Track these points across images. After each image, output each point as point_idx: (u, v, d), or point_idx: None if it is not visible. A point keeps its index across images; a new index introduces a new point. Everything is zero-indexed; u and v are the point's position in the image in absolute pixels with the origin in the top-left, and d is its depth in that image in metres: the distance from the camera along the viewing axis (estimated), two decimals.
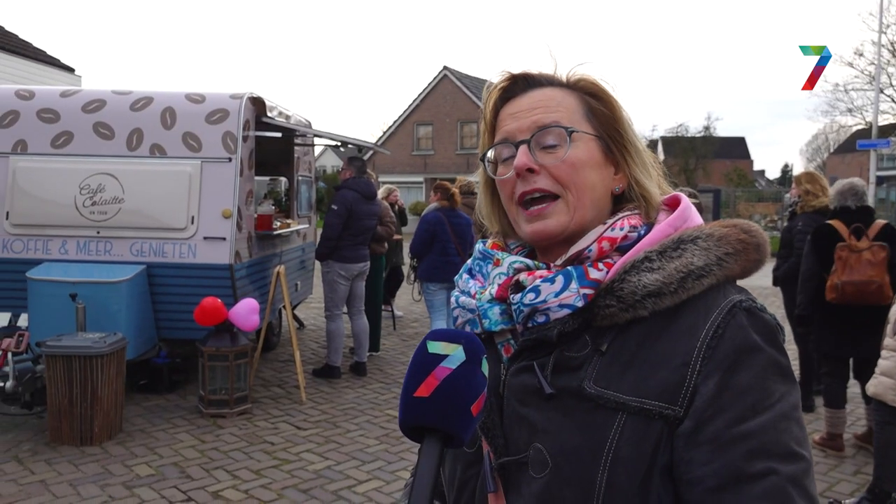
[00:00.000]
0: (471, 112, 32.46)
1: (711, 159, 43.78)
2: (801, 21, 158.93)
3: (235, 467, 4.38)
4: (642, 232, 0.96)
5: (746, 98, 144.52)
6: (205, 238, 5.53)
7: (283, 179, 8.04)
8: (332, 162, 49.06)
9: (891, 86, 26.33)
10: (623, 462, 0.86)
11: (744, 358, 0.86)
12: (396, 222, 9.16)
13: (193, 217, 5.54)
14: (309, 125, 7.88)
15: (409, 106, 34.56)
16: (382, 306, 8.64)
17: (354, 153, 7.70)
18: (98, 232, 5.59)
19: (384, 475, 4.33)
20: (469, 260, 1.11)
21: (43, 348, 4.69)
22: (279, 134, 6.43)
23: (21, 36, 14.46)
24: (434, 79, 33.96)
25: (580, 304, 0.92)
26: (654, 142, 43.16)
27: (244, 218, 5.74)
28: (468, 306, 1.02)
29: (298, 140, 7.62)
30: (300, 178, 7.83)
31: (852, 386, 4.86)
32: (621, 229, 0.96)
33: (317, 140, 8.21)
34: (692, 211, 0.99)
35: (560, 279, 0.93)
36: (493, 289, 1.00)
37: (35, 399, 5.04)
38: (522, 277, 0.97)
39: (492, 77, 1.06)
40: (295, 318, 7.68)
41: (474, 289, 1.04)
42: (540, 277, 0.95)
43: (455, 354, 0.78)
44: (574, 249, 0.96)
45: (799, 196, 5.59)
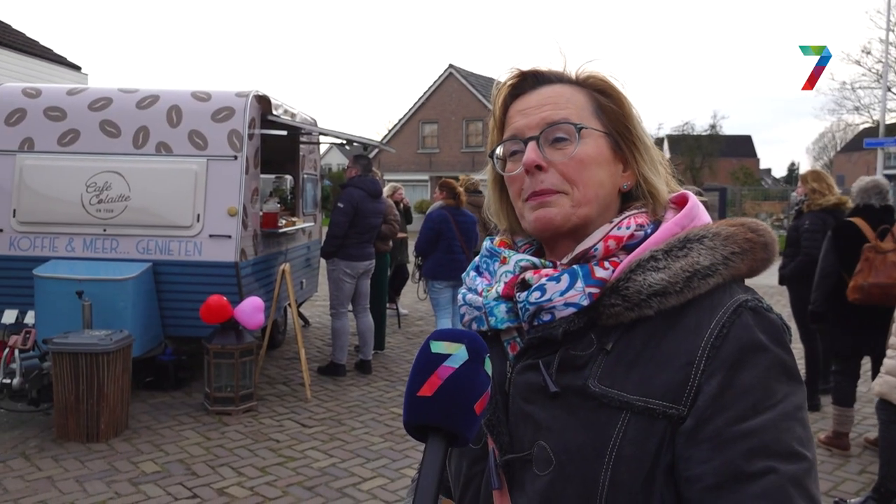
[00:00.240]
0: (476, 110, 32.41)
1: (717, 158, 43.62)
2: (808, 19, 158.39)
3: (241, 464, 4.40)
4: (649, 231, 0.96)
5: (753, 96, 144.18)
6: (210, 236, 5.55)
7: (289, 177, 8.05)
8: (338, 160, 49.09)
9: None
10: (626, 461, 0.86)
11: (748, 357, 0.85)
12: (401, 220, 9.16)
13: (199, 215, 5.56)
14: (314, 123, 7.88)
15: (415, 104, 34.54)
16: (387, 304, 8.65)
17: (360, 151, 7.70)
18: (104, 230, 5.61)
19: (389, 473, 4.33)
20: (477, 258, 1.11)
21: (49, 345, 4.72)
22: (285, 132, 6.43)
23: (28, 34, 14.52)
24: (440, 77, 33.94)
25: (585, 303, 0.92)
26: (660, 140, 42.99)
27: (250, 216, 5.76)
28: (475, 304, 1.02)
29: (304, 138, 7.63)
30: (305, 177, 7.84)
31: (860, 385, 4.84)
32: (627, 228, 0.95)
33: (322, 138, 8.22)
34: (700, 209, 0.98)
35: (566, 278, 0.93)
36: (500, 287, 1.00)
37: (42, 396, 5.06)
38: (528, 276, 0.97)
39: (500, 74, 1.06)
40: (300, 316, 7.69)
41: (481, 286, 1.04)
42: (546, 276, 0.95)
43: (458, 354, 0.78)
44: (580, 248, 0.96)
45: (805, 195, 5.57)
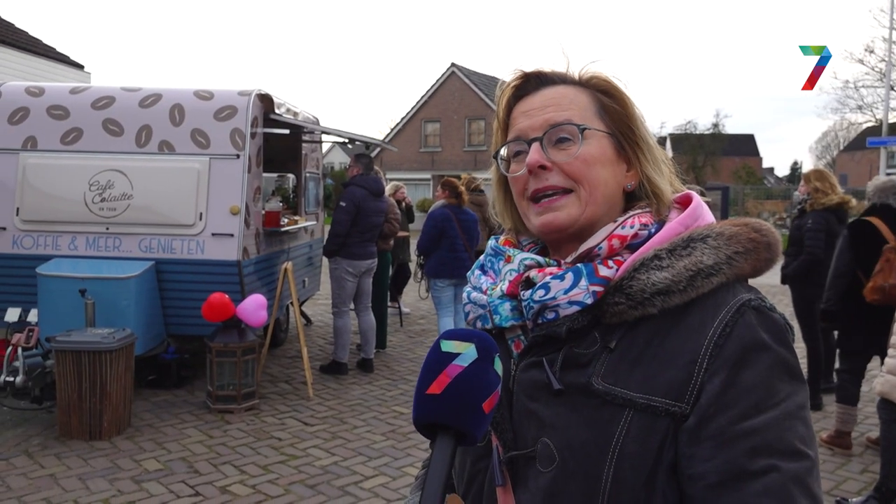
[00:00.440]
0: (479, 109, 32.39)
1: (720, 156, 43.54)
2: (811, 18, 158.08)
3: (243, 462, 4.40)
4: (653, 230, 0.97)
5: (756, 95, 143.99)
6: (213, 234, 5.56)
7: (291, 176, 8.06)
8: (340, 159, 49.10)
9: None
10: (629, 458, 0.86)
11: (751, 356, 0.86)
12: (403, 219, 9.17)
13: (202, 213, 5.57)
14: (317, 122, 7.89)
15: (417, 103, 34.51)
16: (390, 303, 8.65)
17: (362, 150, 7.70)
18: (107, 228, 5.62)
19: (391, 471, 4.34)
20: (482, 256, 1.12)
21: (52, 343, 4.73)
22: (287, 131, 6.44)
23: (30, 33, 14.53)
24: (442, 75, 33.90)
25: (589, 302, 0.92)
26: (663, 139, 42.92)
27: (252, 214, 5.76)
28: (479, 302, 1.03)
29: (306, 137, 7.63)
30: (308, 175, 7.84)
31: (862, 384, 4.83)
32: (631, 227, 0.96)
33: (324, 137, 8.22)
34: (704, 209, 0.99)
35: (570, 276, 0.94)
36: (504, 285, 1.00)
37: (45, 394, 5.08)
38: (533, 274, 0.97)
39: (503, 75, 1.06)
40: (302, 315, 7.69)
41: (486, 285, 1.05)
42: (550, 274, 0.96)
43: (467, 353, 0.78)
44: (584, 247, 0.96)
45: (808, 194, 5.56)
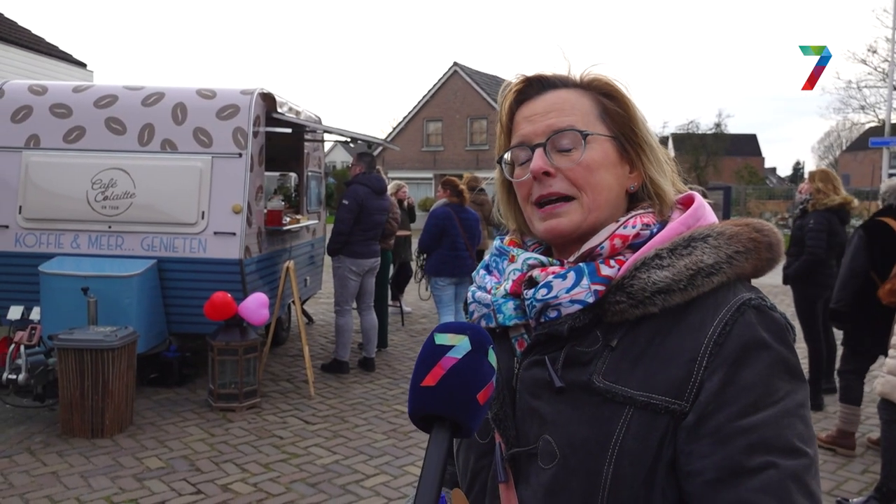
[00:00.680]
0: (481, 108, 32.38)
1: (722, 156, 43.50)
2: (814, 17, 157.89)
3: (244, 461, 4.41)
4: (655, 230, 0.97)
5: (758, 95, 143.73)
6: (215, 233, 5.56)
7: (293, 175, 8.06)
8: (342, 158, 49.08)
9: None
10: (629, 455, 0.87)
11: (750, 354, 0.87)
12: (404, 218, 9.18)
13: (204, 212, 5.58)
14: (319, 121, 7.89)
15: (419, 102, 34.51)
16: (392, 302, 8.66)
17: (364, 149, 7.71)
18: (109, 226, 5.63)
19: (392, 470, 4.35)
20: (487, 256, 1.13)
21: (55, 341, 4.74)
22: (289, 130, 6.45)
23: (33, 31, 14.54)
24: (444, 75, 33.88)
25: (591, 300, 0.93)
26: (665, 139, 42.88)
27: (254, 213, 5.77)
28: (484, 301, 1.04)
29: (308, 136, 7.64)
30: (310, 174, 7.85)
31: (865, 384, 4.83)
32: (633, 227, 0.97)
33: (327, 136, 8.23)
34: (706, 209, 1.00)
35: (572, 275, 0.95)
36: (508, 284, 1.01)
37: (47, 391, 5.09)
38: (535, 273, 0.98)
39: (505, 74, 1.07)
40: (304, 314, 7.70)
41: (490, 284, 1.06)
42: (552, 274, 0.97)
43: (461, 345, 0.79)
44: (586, 246, 0.97)
45: (810, 194, 5.57)
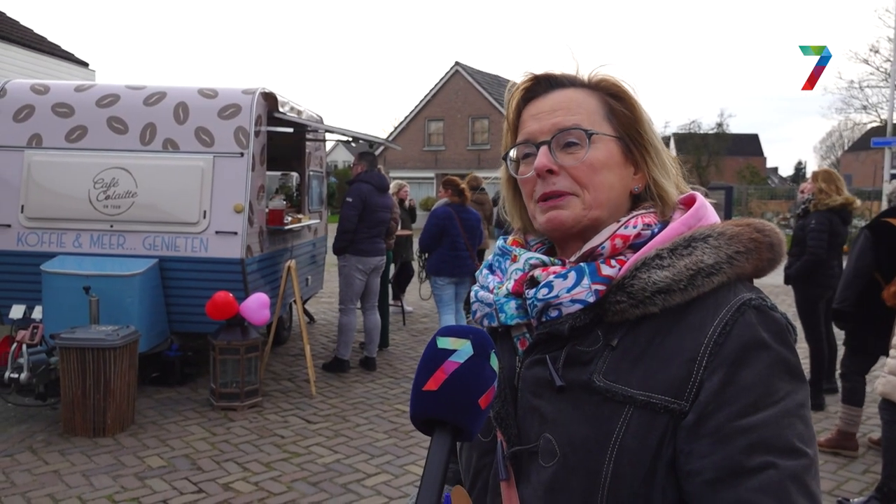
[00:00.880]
0: (482, 108, 32.37)
1: (724, 156, 43.47)
2: (816, 17, 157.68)
3: (246, 460, 4.42)
4: (656, 230, 0.98)
5: (760, 95, 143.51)
6: (216, 232, 5.57)
7: (295, 174, 8.07)
8: (344, 157, 49.08)
9: None
10: (628, 454, 0.87)
11: (750, 354, 0.87)
12: (405, 218, 9.18)
13: (205, 211, 5.58)
14: (320, 120, 7.90)
15: (421, 101, 34.49)
16: (393, 301, 8.66)
17: (365, 148, 7.71)
18: (111, 226, 5.64)
19: (393, 469, 4.35)
20: (490, 256, 1.14)
21: (57, 340, 4.74)
22: (291, 129, 6.45)
23: (36, 31, 14.55)
24: (446, 74, 33.85)
25: (591, 300, 0.94)
26: (667, 138, 42.80)
27: (255, 213, 5.77)
28: (486, 300, 1.04)
29: (310, 135, 7.64)
30: (311, 174, 7.86)
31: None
32: (634, 227, 0.97)
33: (328, 135, 8.23)
34: (707, 210, 1.00)
35: (572, 275, 0.95)
36: (510, 284, 1.02)
37: (49, 390, 5.10)
38: (537, 273, 0.99)
39: (507, 74, 1.08)
40: (305, 313, 7.71)
41: (493, 284, 1.06)
42: (553, 273, 0.97)
43: (463, 349, 0.79)
44: (587, 246, 0.98)
45: (812, 193, 5.57)
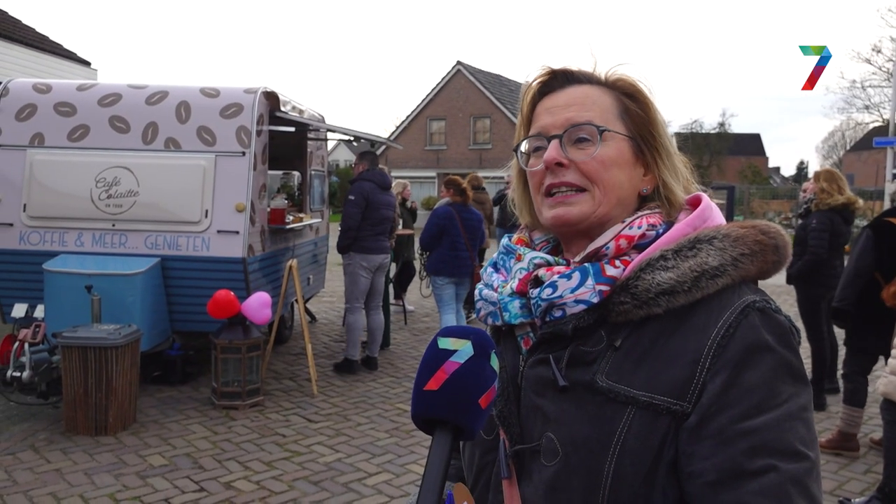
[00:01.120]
0: (484, 107, 32.34)
1: (726, 156, 43.44)
2: (818, 17, 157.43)
3: (247, 459, 4.42)
4: (661, 231, 0.98)
5: (762, 94, 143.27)
6: (218, 231, 5.57)
7: (296, 174, 8.07)
8: (345, 156, 49.06)
9: None
10: (630, 454, 0.87)
11: (754, 357, 0.87)
12: (407, 217, 9.19)
13: (207, 211, 5.58)
14: (322, 120, 7.90)
15: (423, 101, 34.46)
16: (394, 300, 8.66)
17: (367, 148, 7.71)
18: (113, 225, 5.64)
19: (394, 468, 4.35)
20: (495, 255, 1.14)
21: (59, 339, 4.75)
22: (292, 128, 6.45)
23: (38, 30, 14.55)
24: (447, 74, 33.81)
25: (595, 300, 0.94)
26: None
27: (257, 212, 5.78)
28: (490, 299, 1.04)
29: (311, 134, 7.64)
30: (313, 173, 7.85)
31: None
32: (639, 227, 0.97)
33: (330, 135, 8.23)
34: (713, 211, 0.99)
35: (577, 275, 0.95)
36: (514, 283, 1.02)
37: (51, 389, 5.10)
38: (541, 273, 0.99)
39: (509, 76, 1.08)
40: (307, 312, 7.71)
41: (497, 282, 1.06)
42: (558, 273, 0.97)
43: (464, 349, 0.79)
44: (592, 246, 0.98)
45: (814, 193, 5.56)
